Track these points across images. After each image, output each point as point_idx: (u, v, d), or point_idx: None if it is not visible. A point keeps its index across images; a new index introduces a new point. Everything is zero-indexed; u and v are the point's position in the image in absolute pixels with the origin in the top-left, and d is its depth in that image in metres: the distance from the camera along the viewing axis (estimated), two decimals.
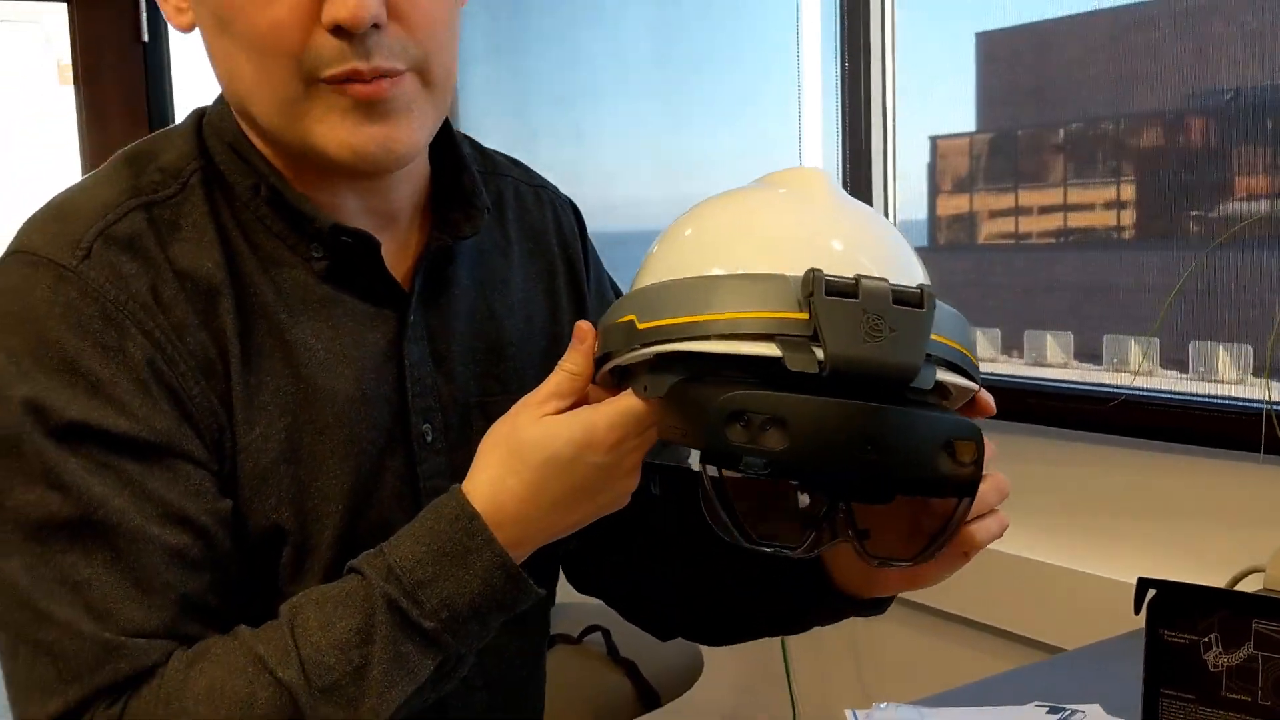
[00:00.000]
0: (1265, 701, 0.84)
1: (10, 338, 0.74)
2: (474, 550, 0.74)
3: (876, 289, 0.67)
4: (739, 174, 2.43)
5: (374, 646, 0.72)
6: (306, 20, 0.74)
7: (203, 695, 0.71)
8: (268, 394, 0.79)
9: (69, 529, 0.72)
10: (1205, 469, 1.52)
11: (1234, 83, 1.76)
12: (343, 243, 0.81)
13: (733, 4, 2.44)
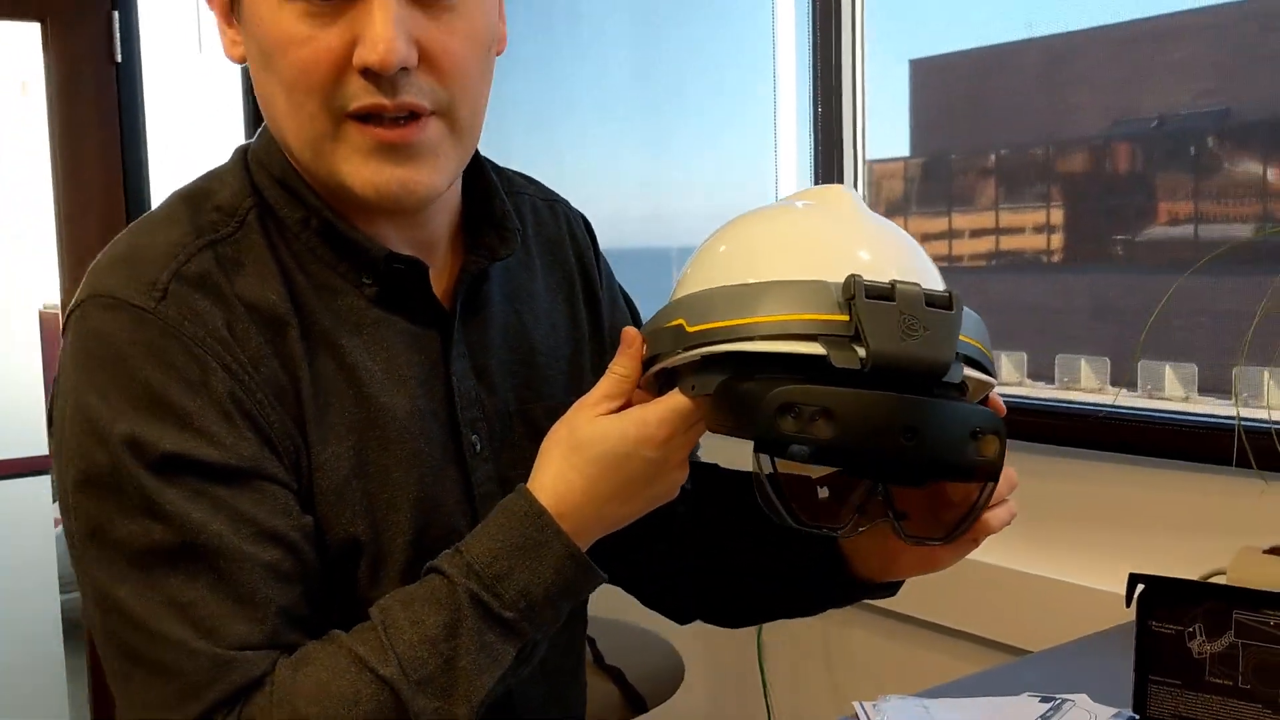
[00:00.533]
0: (1245, 685, 0.91)
1: (100, 379, 0.78)
2: (544, 543, 0.79)
3: (911, 292, 0.72)
4: (716, 195, 2.44)
5: (461, 639, 0.77)
6: (340, 61, 0.78)
7: (311, 697, 0.75)
8: (335, 415, 0.84)
9: (172, 555, 0.76)
10: (1165, 481, 1.61)
11: (1159, 110, 1.81)
12: (394, 269, 0.86)
13: (711, 30, 2.48)
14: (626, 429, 0.78)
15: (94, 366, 0.78)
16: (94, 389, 0.77)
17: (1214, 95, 1.75)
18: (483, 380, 0.92)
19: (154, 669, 0.76)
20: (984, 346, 0.78)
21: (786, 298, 0.73)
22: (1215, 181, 1.75)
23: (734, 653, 2.22)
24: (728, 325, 0.74)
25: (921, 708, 1.07)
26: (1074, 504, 1.72)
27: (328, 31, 0.78)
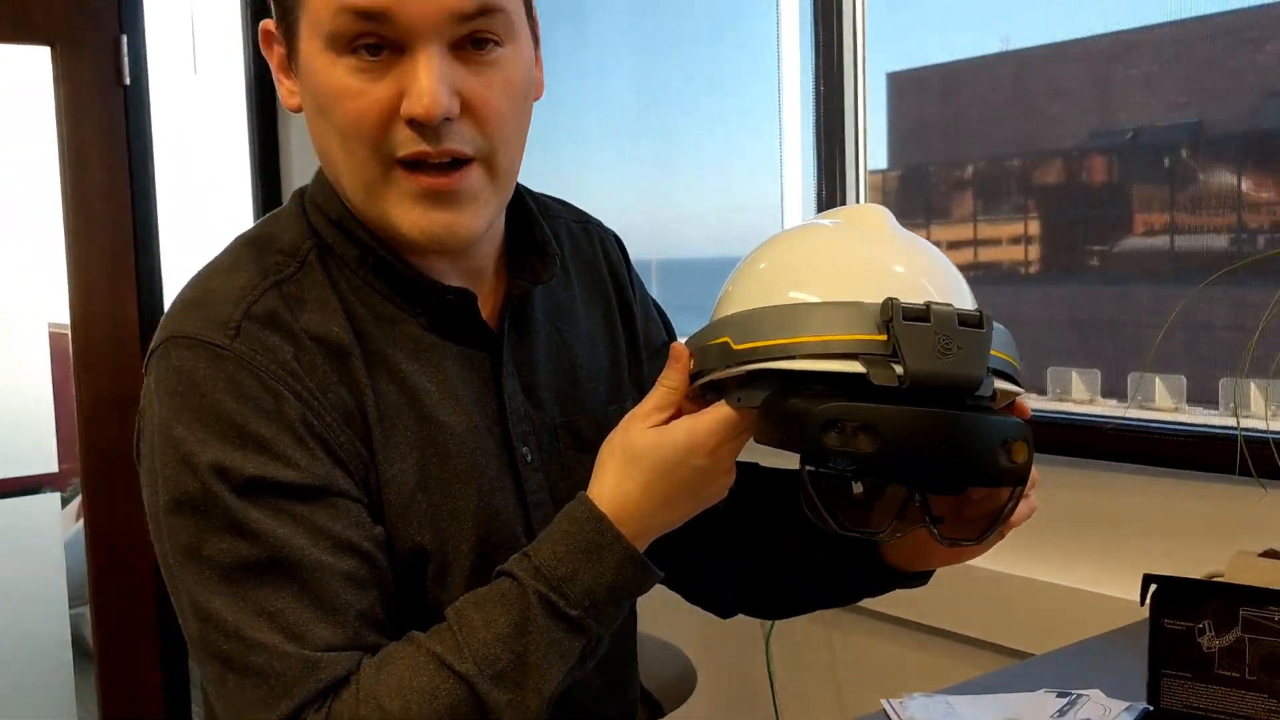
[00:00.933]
0: (1252, 677, 0.97)
1: (184, 413, 0.84)
2: (605, 546, 0.84)
3: (945, 313, 0.77)
4: (721, 217, 2.47)
5: (531, 636, 0.83)
6: (388, 112, 0.84)
7: (393, 693, 0.81)
8: (399, 434, 0.90)
9: (259, 568, 0.82)
10: (1165, 488, 1.67)
11: (1133, 123, 1.84)
12: (444, 300, 0.92)
13: (713, 51, 2.52)
14: (677, 439, 0.84)
15: (178, 401, 0.85)
16: (180, 421, 0.84)
17: (1186, 108, 1.79)
18: (530, 396, 0.97)
19: (248, 672, 0.82)
20: (1012, 358, 0.83)
21: (828, 318, 0.78)
22: (1190, 193, 1.78)
23: (743, 661, 2.28)
24: (772, 344, 0.79)
25: (945, 703, 1.13)
26: (1077, 512, 1.77)
27: (378, 85, 0.84)
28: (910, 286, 0.80)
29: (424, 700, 0.81)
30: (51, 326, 3.24)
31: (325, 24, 0.84)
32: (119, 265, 2.86)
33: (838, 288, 0.80)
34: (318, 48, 0.85)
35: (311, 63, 0.86)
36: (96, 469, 2.90)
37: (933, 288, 0.81)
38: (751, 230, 2.46)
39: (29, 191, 3.09)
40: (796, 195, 2.30)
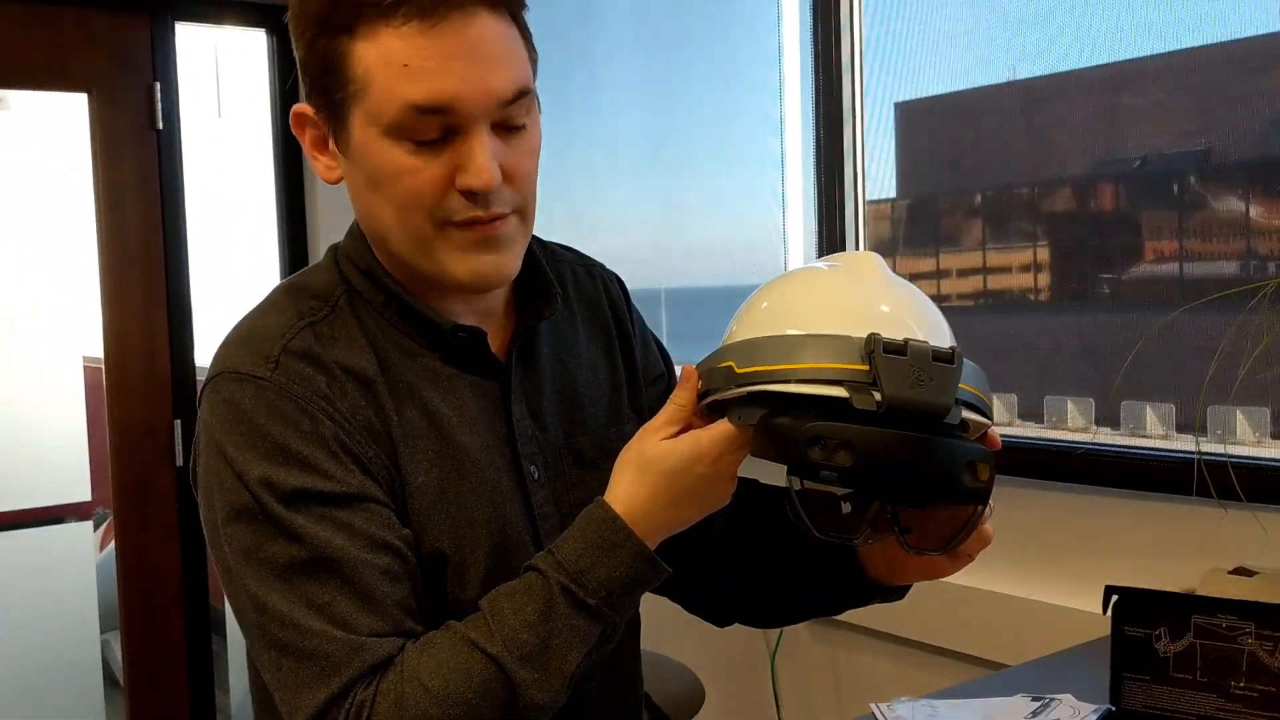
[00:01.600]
0: (1203, 679, 1.07)
1: (235, 436, 0.96)
2: (620, 544, 0.95)
3: (920, 349, 0.86)
4: (726, 250, 2.54)
5: (555, 622, 0.93)
6: (443, 184, 0.96)
7: (433, 672, 0.92)
8: (421, 452, 1.01)
9: (307, 566, 0.93)
10: (1136, 510, 1.77)
11: (1141, 151, 1.86)
12: (459, 337, 1.04)
13: (718, 94, 2.60)
14: (684, 449, 0.95)
15: (228, 427, 0.97)
16: (231, 443, 0.96)
17: (1194, 136, 1.81)
18: (537, 420, 1.09)
19: (302, 655, 0.93)
20: (981, 393, 0.93)
21: (819, 349, 0.89)
22: (1199, 220, 1.80)
23: (749, 678, 2.37)
24: (770, 370, 0.90)
25: (929, 707, 1.23)
26: (1052, 533, 1.87)
27: (433, 163, 0.95)
28: (894, 324, 0.90)
29: (460, 678, 0.92)
30: (86, 360, 3.36)
31: (387, 116, 0.94)
32: (151, 301, 2.96)
33: (829, 323, 0.90)
34: (375, 134, 0.96)
35: (368, 146, 0.97)
36: (127, 497, 2.98)
37: (914, 325, 0.91)
38: (755, 262, 2.54)
39: (67, 230, 3.23)
40: (798, 229, 2.39)
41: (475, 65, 0.94)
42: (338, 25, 0.96)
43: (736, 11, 2.52)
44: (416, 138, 0.95)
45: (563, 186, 3.03)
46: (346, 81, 0.96)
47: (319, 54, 0.97)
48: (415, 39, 0.93)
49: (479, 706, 0.92)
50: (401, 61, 0.93)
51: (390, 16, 0.93)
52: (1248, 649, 1.05)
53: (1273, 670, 1.04)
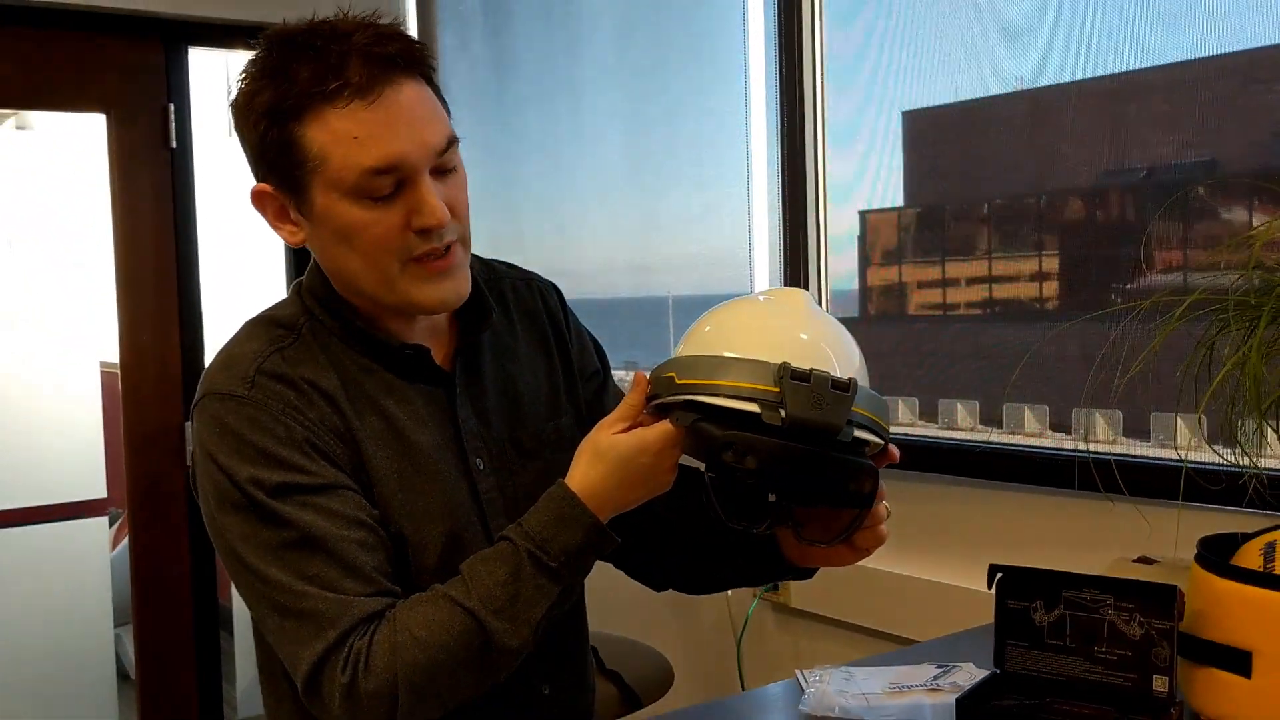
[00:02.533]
0: (1072, 645, 1.23)
1: (224, 446, 1.14)
2: (576, 517, 1.13)
3: (822, 377, 1.05)
4: (699, 271, 2.69)
5: (522, 582, 1.11)
6: (401, 229, 1.14)
7: (421, 623, 1.10)
8: (382, 450, 1.19)
9: (296, 545, 1.11)
10: (1036, 504, 1.93)
11: (1147, 161, 1.88)
12: (406, 355, 1.23)
13: (694, 125, 2.74)
14: (633, 442, 1.12)
15: (217, 439, 1.15)
16: (221, 452, 1.15)
17: (1200, 146, 1.83)
18: (482, 418, 1.27)
19: (300, 615, 1.11)
20: (876, 417, 1.10)
21: (741, 370, 1.08)
22: (1203, 230, 1.83)
23: (716, 659, 2.54)
24: (702, 384, 1.09)
25: (845, 672, 1.40)
26: (962, 523, 2.05)
27: (390, 213, 1.14)
28: (807, 353, 1.09)
29: (443, 629, 1.10)
30: (102, 365, 3.51)
31: (347, 182, 1.12)
32: (164, 309, 3.13)
33: (755, 348, 1.09)
34: (336, 198, 1.13)
35: (331, 209, 1.14)
36: (140, 496, 3.12)
37: (827, 355, 1.10)
38: (724, 275, 2.68)
39: (85, 242, 3.40)
40: (763, 243, 2.53)
41: (412, 126, 1.13)
42: (287, 114, 1.12)
43: (707, 46, 2.67)
44: (374, 195, 1.13)
45: (550, 204, 3.20)
46: (304, 160, 1.13)
47: (274, 141, 1.13)
48: (359, 114, 1.11)
49: (458, 652, 1.09)
50: (352, 135, 1.11)
51: (334, 100, 1.10)
52: (1108, 619, 1.21)
53: (1129, 637, 1.20)
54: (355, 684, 1.08)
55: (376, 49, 1.12)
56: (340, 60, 1.11)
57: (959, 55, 2.13)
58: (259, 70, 1.14)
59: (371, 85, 1.11)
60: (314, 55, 1.12)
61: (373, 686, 1.08)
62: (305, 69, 1.11)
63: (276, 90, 1.12)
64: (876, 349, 2.40)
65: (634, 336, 3.05)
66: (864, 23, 2.29)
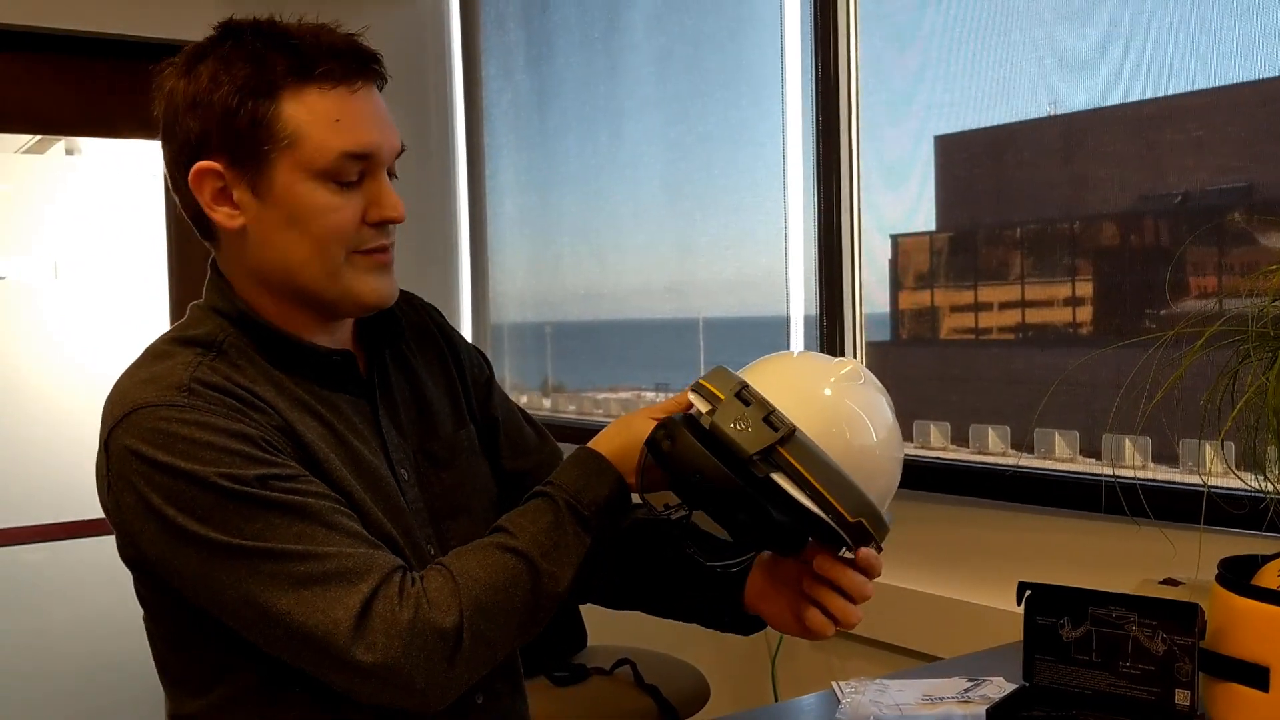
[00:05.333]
0: (1098, 660, 1.30)
1: (176, 454, 1.08)
2: (604, 471, 1.18)
3: (759, 407, 1.08)
4: (735, 295, 2.76)
5: (563, 529, 1.15)
6: (358, 219, 1.18)
7: (477, 566, 1.12)
8: (329, 450, 1.18)
9: (299, 521, 1.09)
10: (1064, 525, 1.98)
11: (1182, 186, 1.88)
12: (333, 361, 1.23)
13: (730, 153, 2.79)
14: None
15: (163, 453, 1.09)
16: (178, 459, 1.08)
17: (1235, 172, 1.83)
18: (399, 431, 1.31)
19: (326, 577, 1.08)
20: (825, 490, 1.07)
21: (727, 379, 1.12)
22: (1239, 256, 1.83)
23: (752, 676, 2.60)
24: (704, 384, 1.13)
25: (880, 685, 1.46)
26: (998, 546, 2.10)
27: (350, 201, 1.18)
28: (816, 414, 1.10)
29: (500, 570, 1.13)
30: None
31: (319, 162, 1.15)
32: None
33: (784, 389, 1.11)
34: (301, 178, 1.16)
35: (293, 189, 1.16)
36: None
37: (830, 424, 1.10)
38: (760, 299, 2.73)
39: (131, 266, 3.49)
40: (799, 269, 2.59)
41: (383, 124, 1.21)
42: (265, 90, 1.15)
43: (745, 74, 2.73)
44: (341, 179, 1.18)
45: (589, 228, 3.28)
46: (275, 136, 1.15)
47: (244, 115, 1.15)
48: (341, 99, 1.17)
49: (515, 593, 1.12)
50: (333, 117, 1.17)
51: (320, 81, 1.16)
52: (1133, 635, 1.28)
53: (1153, 653, 1.27)
54: (420, 619, 1.08)
55: (355, 48, 1.20)
56: (321, 49, 1.17)
57: (992, 81, 2.16)
58: (230, 51, 1.17)
59: (353, 76, 1.18)
60: (293, 42, 1.17)
61: (440, 623, 1.09)
62: (284, 53, 1.16)
63: (255, 67, 1.15)
64: (908, 373, 2.44)
65: (670, 358, 3.12)
66: (899, 50, 2.34)
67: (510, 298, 3.62)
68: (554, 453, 1.48)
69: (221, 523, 1.08)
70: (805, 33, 2.49)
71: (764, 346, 1.25)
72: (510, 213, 3.56)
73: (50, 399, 3.43)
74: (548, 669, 2.31)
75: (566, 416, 3.38)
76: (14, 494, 3.35)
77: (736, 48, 2.76)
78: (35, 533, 3.33)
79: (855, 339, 2.48)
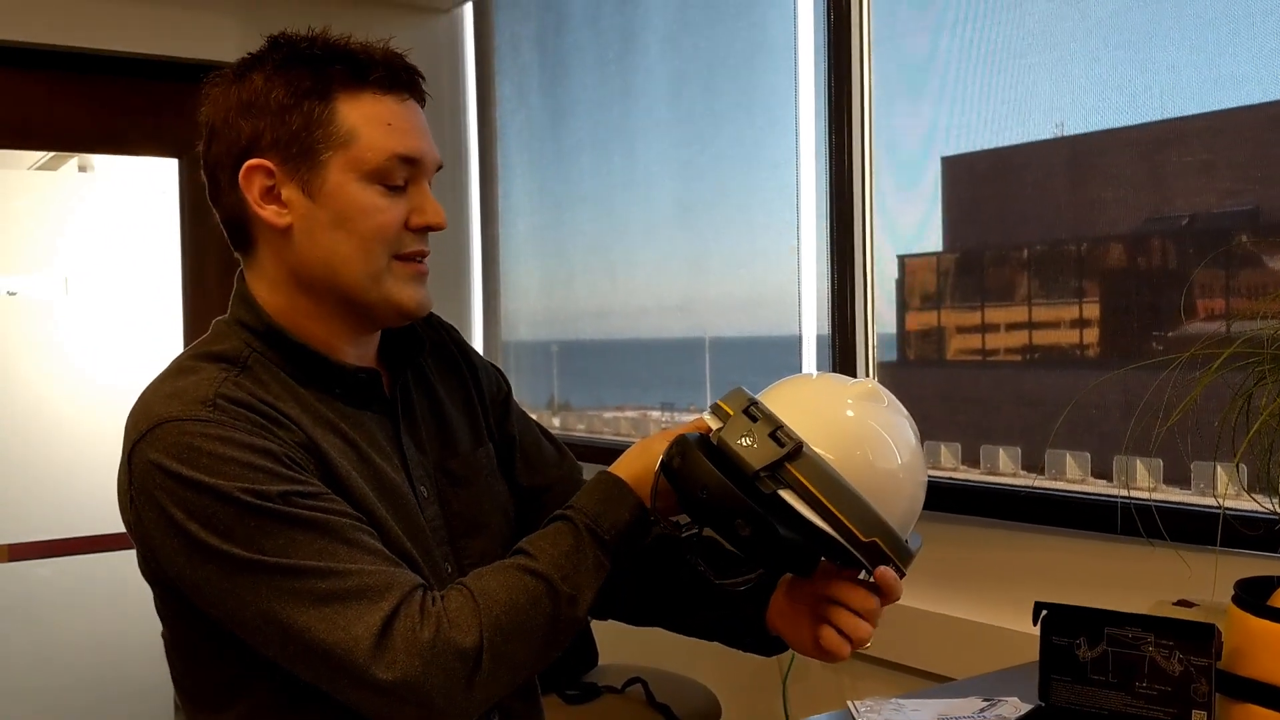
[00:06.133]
0: (1114, 680, 1.30)
1: (200, 469, 1.08)
2: (623, 496, 1.18)
3: (767, 422, 1.08)
4: (747, 314, 2.77)
5: (583, 553, 1.15)
6: (402, 222, 1.22)
7: (498, 588, 1.12)
8: (352, 468, 1.19)
9: (321, 536, 1.09)
10: (1080, 547, 1.99)
11: (1190, 209, 1.87)
12: (359, 378, 1.25)
13: (742, 172, 2.83)
14: None
15: (187, 467, 1.09)
16: (201, 474, 1.09)
17: (1243, 195, 1.82)
18: (419, 447, 1.32)
19: (348, 595, 1.08)
20: (834, 506, 1.06)
21: (739, 396, 1.13)
22: (1248, 278, 1.83)
23: (762, 692, 2.60)
24: (720, 404, 1.14)
25: (896, 704, 1.46)
26: (1012, 567, 2.10)
27: (396, 205, 1.23)
28: (815, 423, 1.10)
29: (520, 592, 1.13)
30: None
31: (370, 163, 1.19)
32: None
33: (793, 407, 1.12)
34: (353, 178, 1.19)
35: (344, 189, 1.19)
36: None
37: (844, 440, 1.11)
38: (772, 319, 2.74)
39: (152, 278, 3.51)
40: (811, 289, 2.60)
41: (428, 135, 1.25)
42: (321, 91, 1.19)
43: (759, 95, 2.75)
44: (388, 182, 1.21)
45: (602, 247, 3.29)
46: (331, 134, 1.19)
47: (301, 115, 1.19)
48: (394, 105, 1.22)
49: (535, 616, 1.12)
50: (386, 121, 1.21)
51: (375, 87, 1.21)
52: (1149, 655, 1.28)
53: (1169, 673, 1.27)
54: (440, 639, 1.08)
55: (405, 63, 1.25)
56: (374, 58, 1.22)
57: (1000, 103, 2.17)
58: (285, 58, 1.21)
59: (402, 88, 1.23)
60: (346, 49, 1.22)
61: (461, 643, 1.08)
62: (339, 59, 1.21)
63: (310, 70, 1.20)
64: (915, 393, 2.43)
65: (682, 377, 3.12)
66: (910, 71, 2.35)
67: (522, 316, 3.64)
68: (573, 468, 1.49)
69: (244, 539, 1.08)
70: (819, 55, 2.51)
71: (775, 365, 1.25)
72: (523, 232, 3.59)
73: (61, 415, 3.44)
74: (559, 687, 2.31)
75: (575, 434, 3.39)
76: (26, 509, 3.36)
77: (750, 70, 2.78)
78: (46, 548, 3.34)
79: (868, 359, 2.48)
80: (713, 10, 2.86)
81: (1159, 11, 1.92)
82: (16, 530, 3.32)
